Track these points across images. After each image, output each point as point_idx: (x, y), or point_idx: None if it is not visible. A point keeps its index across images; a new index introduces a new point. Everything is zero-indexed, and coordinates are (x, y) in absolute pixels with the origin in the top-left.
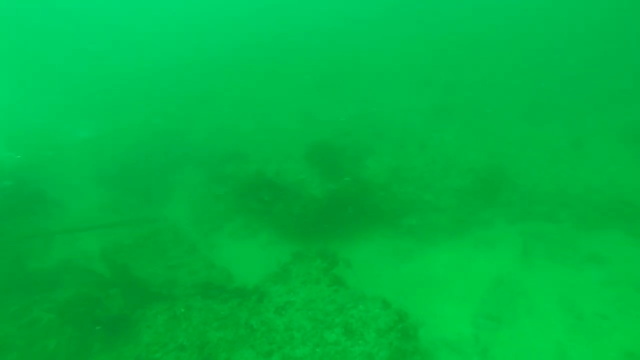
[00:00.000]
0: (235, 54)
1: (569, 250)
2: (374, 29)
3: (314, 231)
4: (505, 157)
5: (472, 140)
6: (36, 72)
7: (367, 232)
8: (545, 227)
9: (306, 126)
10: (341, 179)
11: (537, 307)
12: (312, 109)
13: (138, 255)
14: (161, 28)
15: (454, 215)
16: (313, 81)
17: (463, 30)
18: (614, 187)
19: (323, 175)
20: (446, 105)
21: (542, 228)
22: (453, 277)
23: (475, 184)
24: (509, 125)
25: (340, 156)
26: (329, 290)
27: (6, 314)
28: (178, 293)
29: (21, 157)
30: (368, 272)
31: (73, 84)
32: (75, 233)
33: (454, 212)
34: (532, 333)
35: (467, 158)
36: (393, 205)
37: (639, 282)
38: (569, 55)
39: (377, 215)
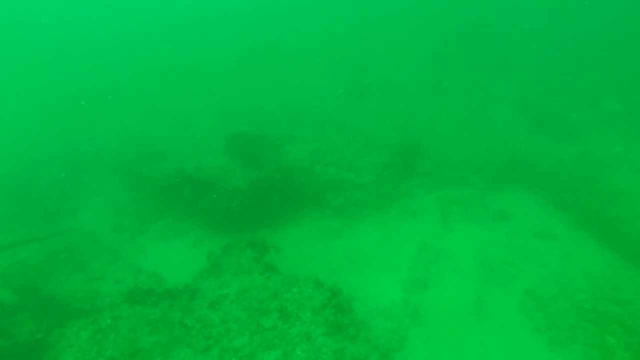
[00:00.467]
0: (140, 50)
1: (480, 210)
2: (286, 16)
3: (241, 222)
4: (418, 131)
5: (387, 117)
6: None
7: (294, 216)
8: (459, 191)
9: (223, 118)
10: (263, 168)
11: (457, 265)
12: (228, 101)
13: (50, 272)
14: (58, 25)
15: (376, 190)
16: (226, 72)
17: (369, 14)
18: (511, 147)
19: (245, 166)
20: (360, 87)
21: (456, 193)
22: (381, 249)
23: (394, 158)
24: (419, 101)
25: (260, 145)
26: (261, 278)
27: None
28: (102, 305)
29: None
30: (299, 255)
31: None
32: None
33: (376, 187)
34: (454, 289)
35: (384, 135)
36: (317, 187)
37: (535, 230)
38: (468, 31)
39: (303, 198)
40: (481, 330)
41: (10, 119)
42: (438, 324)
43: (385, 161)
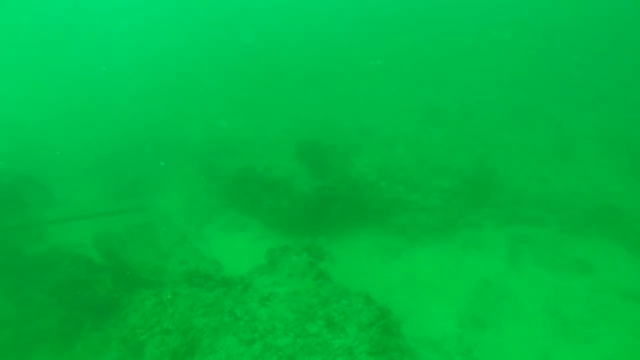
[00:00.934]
0: (229, 55)
1: (556, 255)
2: (365, 29)
3: (302, 226)
4: (494, 160)
5: (461, 142)
6: (31, 67)
7: (354, 229)
8: (532, 231)
9: (296, 124)
10: (329, 177)
11: (522, 310)
12: (303, 108)
13: (129, 243)
14: (158, 27)
15: (442, 215)
16: (304, 81)
17: (453, 32)
18: (601, 193)
19: (312, 172)
20: (436, 107)
21: (529, 232)
22: (440, 277)
23: (464, 185)
24: (498, 128)
25: (329, 154)
26: (313, 283)
27: (3, 292)
28: (166, 280)
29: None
30: (353, 268)
31: (68, 81)
32: (68, 222)
33: (442, 212)
34: (516, 336)
35: (456, 159)
36: (381, 203)
37: (624, 290)
38: (557, 59)
39: (365, 213)
40: None
41: (109, 109)
42: None
43: (455, 187)
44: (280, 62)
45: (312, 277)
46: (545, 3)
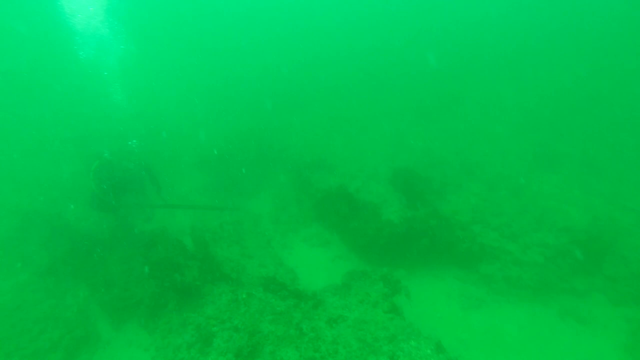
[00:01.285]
0: (339, 74)
1: None
2: (481, 64)
3: (383, 254)
4: (617, 223)
5: (576, 197)
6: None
7: (436, 268)
8: None
9: (396, 150)
10: (420, 209)
11: None
12: (405, 135)
13: (218, 237)
14: (267, 40)
15: (539, 274)
16: (410, 108)
17: (579, 73)
18: None
19: (403, 202)
20: (551, 153)
21: None
22: (525, 343)
23: (573, 245)
24: (630, 187)
25: (425, 186)
26: (384, 316)
27: (115, 258)
28: (244, 280)
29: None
30: (429, 309)
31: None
32: (173, 208)
33: (540, 270)
34: None
35: (568, 214)
36: (471, 247)
37: None
38: None
39: (451, 254)
40: None
41: (227, 112)
42: None
43: (561, 245)
44: (389, 87)
45: (384, 309)
46: None
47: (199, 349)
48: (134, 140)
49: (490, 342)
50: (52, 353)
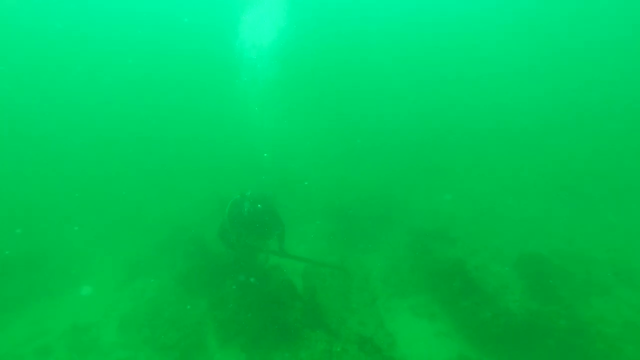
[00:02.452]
0: (474, 138)
1: None
2: None
3: (493, 346)
4: None
5: None
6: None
7: None
8: None
9: (529, 232)
10: (548, 305)
11: None
12: (547, 220)
13: (328, 285)
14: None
15: None
16: (558, 186)
17: None
18: None
19: (528, 292)
20: None
21: None
22: None
23: None
24: None
25: (559, 279)
26: None
27: (233, 282)
28: (342, 333)
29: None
30: None
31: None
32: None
33: None
34: None
35: None
36: None
37: None
38: None
39: None
40: None
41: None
42: None
43: None
44: (538, 154)
45: None
46: None
47: None
48: (264, 177)
49: None
50: (172, 351)
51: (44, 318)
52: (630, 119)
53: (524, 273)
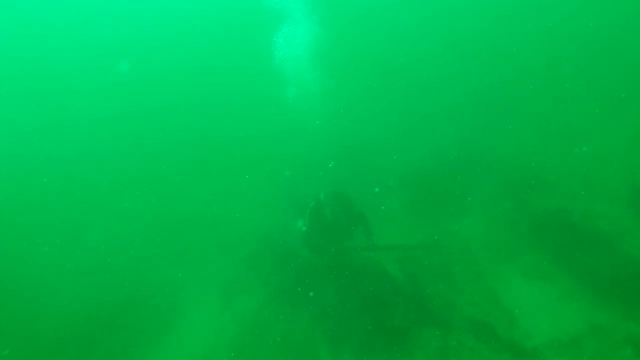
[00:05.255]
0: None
1: None
2: None
3: (626, 302)
4: None
5: None
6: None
7: None
8: None
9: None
10: None
11: None
12: None
13: (427, 267)
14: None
15: None
16: None
17: None
18: None
19: None
20: None
21: None
22: None
23: None
24: None
25: None
26: None
27: (329, 288)
28: (454, 322)
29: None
30: None
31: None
32: (378, 250)
33: None
34: None
35: None
36: None
37: None
38: None
39: None
40: None
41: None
42: None
43: None
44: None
45: None
46: None
47: None
48: (332, 163)
49: None
50: None
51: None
52: None
53: None
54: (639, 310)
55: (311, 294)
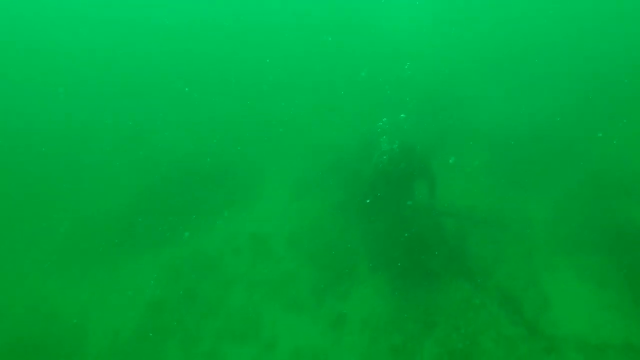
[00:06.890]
0: None
1: None
2: None
3: None
4: None
5: None
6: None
7: None
8: None
9: None
10: None
11: None
12: None
13: (481, 231)
14: None
15: None
16: None
17: None
18: None
19: None
20: None
21: None
22: None
23: None
24: None
25: None
26: None
27: (382, 218)
28: (486, 285)
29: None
30: None
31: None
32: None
33: None
34: None
35: None
36: None
37: None
38: None
39: None
40: None
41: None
42: None
43: None
44: None
45: None
46: None
47: (419, 329)
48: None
49: None
50: (328, 271)
51: (233, 224)
52: None
53: None
54: None
55: (368, 216)
